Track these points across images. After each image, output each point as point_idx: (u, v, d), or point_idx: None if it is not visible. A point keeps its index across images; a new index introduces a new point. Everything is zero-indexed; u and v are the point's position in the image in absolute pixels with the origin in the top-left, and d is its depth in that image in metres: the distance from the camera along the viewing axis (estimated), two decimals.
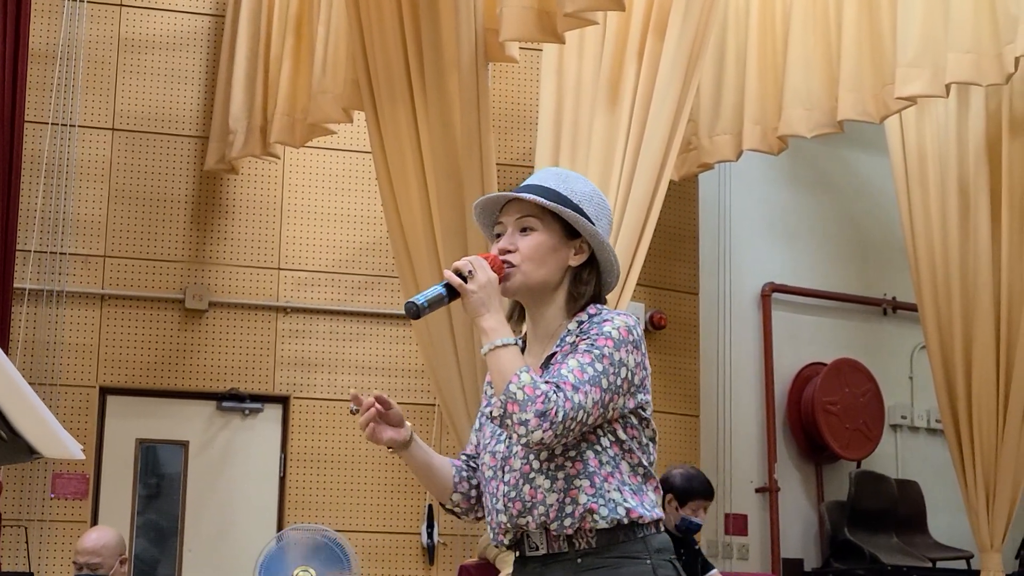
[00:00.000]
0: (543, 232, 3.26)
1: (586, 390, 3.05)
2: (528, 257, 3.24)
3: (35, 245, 8.40)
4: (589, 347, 3.12)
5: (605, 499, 3.12)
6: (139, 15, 8.89)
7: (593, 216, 3.29)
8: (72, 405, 8.37)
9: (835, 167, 10.81)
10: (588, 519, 3.12)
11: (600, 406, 3.08)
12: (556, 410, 3.00)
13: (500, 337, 3.12)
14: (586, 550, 3.15)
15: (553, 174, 3.35)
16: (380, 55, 7.04)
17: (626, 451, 3.18)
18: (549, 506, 3.13)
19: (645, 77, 7.44)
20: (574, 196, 3.28)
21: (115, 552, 6.24)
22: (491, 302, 3.14)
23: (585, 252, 3.29)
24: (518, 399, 3.02)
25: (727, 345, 10.04)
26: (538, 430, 3.00)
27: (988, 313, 8.65)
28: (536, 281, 3.26)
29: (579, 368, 3.08)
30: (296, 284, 8.91)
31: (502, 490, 3.23)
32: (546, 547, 3.19)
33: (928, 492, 10.50)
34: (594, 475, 3.13)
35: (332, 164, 9.08)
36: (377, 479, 8.79)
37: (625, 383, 3.14)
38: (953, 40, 7.46)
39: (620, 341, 3.14)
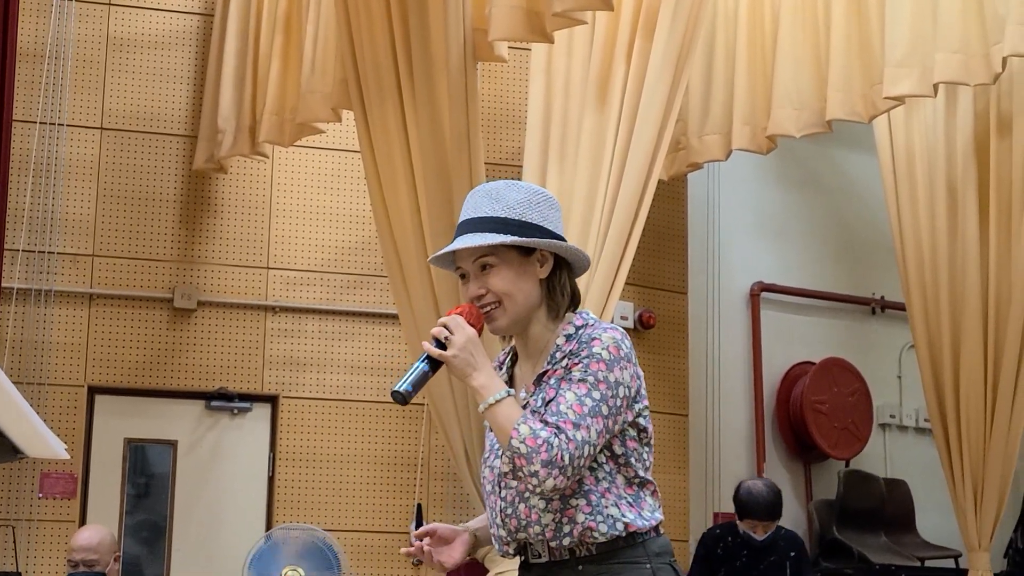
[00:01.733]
0: (502, 264, 3.24)
1: (587, 424, 3.06)
2: (503, 293, 3.24)
3: (23, 244, 8.39)
4: (583, 375, 3.12)
5: (603, 515, 3.14)
6: (128, 14, 8.88)
7: (539, 219, 3.26)
8: (60, 404, 8.36)
9: (824, 167, 10.82)
10: (587, 535, 3.15)
11: (605, 432, 3.11)
12: (561, 455, 3.02)
13: (491, 394, 3.12)
14: (587, 557, 3.17)
15: (484, 196, 3.30)
16: (369, 54, 7.03)
17: (622, 464, 3.20)
18: (545, 526, 3.17)
19: (634, 77, 7.45)
20: (512, 212, 3.25)
21: (110, 549, 6.25)
22: (475, 360, 3.15)
23: (549, 259, 3.28)
24: (523, 453, 3.03)
25: (716, 344, 10.05)
26: (549, 479, 3.02)
27: (976, 312, 8.67)
28: (522, 312, 3.27)
29: (577, 402, 3.08)
30: (285, 283, 8.90)
31: (499, 506, 3.26)
32: (548, 556, 3.22)
33: (916, 491, 10.52)
34: (590, 493, 3.15)
35: (321, 163, 9.08)
36: (366, 479, 8.79)
37: (624, 400, 3.16)
38: (941, 40, 7.48)
39: (612, 361, 3.15)
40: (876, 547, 10.07)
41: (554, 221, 3.29)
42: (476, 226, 3.25)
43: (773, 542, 7.41)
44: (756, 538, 7.36)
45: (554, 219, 3.29)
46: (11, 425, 2.06)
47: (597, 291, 7.33)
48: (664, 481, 9.12)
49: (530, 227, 3.24)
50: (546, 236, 3.26)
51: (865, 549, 9.92)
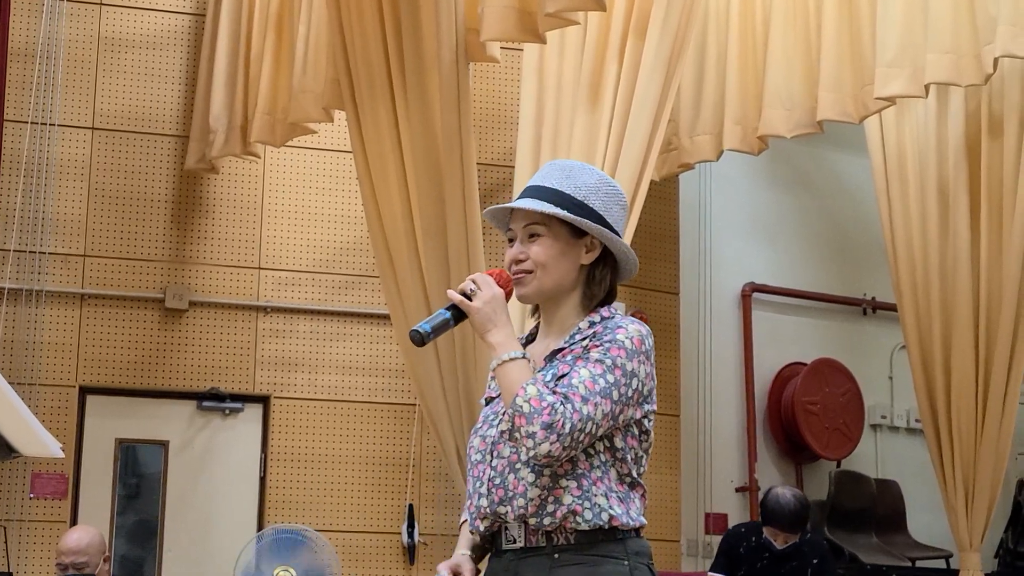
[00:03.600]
0: (549, 236, 3.23)
1: (596, 401, 3.04)
2: (539, 264, 3.23)
3: (14, 244, 8.38)
4: (602, 356, 3.11)
5: (591, 503, 3.11)
6: (119, 14, 8.87)
7: (601, 208, 3.26)
8: (52, 405, 8.35)
9: (815, 167, 10.83)
10: (570, 519, 3.10)
11: (611, 418, 3.08)
12: (563, 422, 3.00)
13: (507, 351, 3.12)
14: (564, 546, 3.12)
15: (558, 169, 3.32)
16: (361, 54, 7.03)
17: (618, 459, 3.17)
18: (530, 499, 3.11)
19: (626, 77, 7.45)
20: (578, 192, 3.25)
21: (99, 550, 6.22)
22: (497, 317, 3.15)
23: (597, 248, 3.27)
24: (524, 412, 3.02)
25: (708, 345, 10.06)
26: (545, 442, 2.99)
27: (967, 313, 8.68)
28: (550, 286, 3.25)
29: (591, 379, 3.07)
30: (277, 284, 8.90)
31: (488, 474, 3.21)
32: (523, 540, 3.17)
33: (908, 491, 10.53)
34: (582, 477, 3.11)
35: (313, 164, 9.08)
36: (358, 479, 8.79)
37: (636, 394, 3.14)
38: (932, 41, 7.49)
39: (633, 352, 3.13)
40: (867, 547, 10.08)
41: (615, 216, 3.28)
42: (539, 193, 3.25)
43: (796, 548, 7.37)
44: (775, 546, 7.33)
45: (616, 214, 3.28)
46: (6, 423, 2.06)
47: None
48: (656, 481, 9.16)
49: (589, 211, 3.23)
50: (605, 227, 3.25)
51: (856, 549, 9.93)
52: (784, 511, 7.23)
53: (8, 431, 2.05)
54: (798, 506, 7.25)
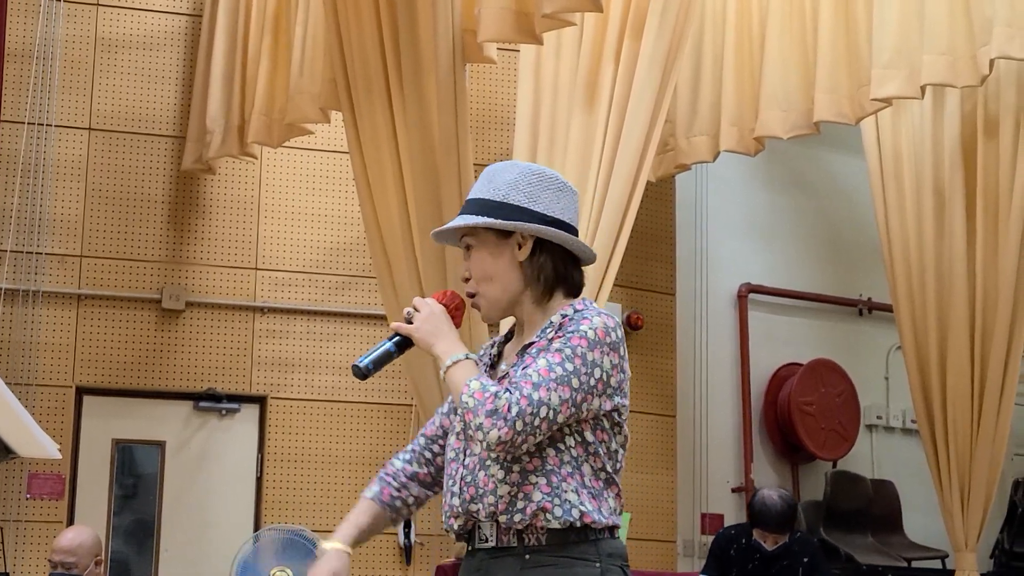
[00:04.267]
0: (480, 246, 3.22)
1: (550, 387, 2.99)
2: (478, 277, 3.23)
3: (11, 245, 8.38)
4: (561, 346, 3.07)
5: (560, 499, 3.06)
6: (116, 14, 8.88)
7: (524, 200, 3.20)
8: (48, 405, 8.35)
9: (811, 168, 10.85)
10: (540, 517, 3.06)
11: (571, 405, 3.02)
12: (508, 406, 2.96)
13: (450, 356, 3.11)
14: (535, 547, 3.09)
15: (483, 177, 3.29)
16: (358, 55, 7.04)
17: (591, 454, 3.11)
18: (499, 497, 3.08)
19: (622, 78, 7.46)
20: (497, 193, 3.21)
21: (91, 552, 6.19)
22: (438, 330, 3.16)
23: (528, 241, 3.21)
24: (470, 406, 3.00)
25: (704, 345, 10.07)
26: (493, 429, 2.96)
27: (963, 314, 8.69)
28: (497, 297, 3.23)
29: (546, 367, 3.03)
30: (273, 284, 8.90)
31: (460, 472, 3.19)
32: (495, 540, 3.13)
33: (903, 492, 10.54)
34: (552, 474, 3.07)
35: (309, 164, 9.08)
36: (354, 479, 8.79)
37: (600, 384, 3.08)
38: (928, 42, 7.50)
39: (595, 341, 3.08)
40: (863, 548, 10.09)
41: (547, 201, 3.22)
42: (466, 207, 3.25)
43: (787, 548, 7.39)
44: (765, 547, 7.36)
45: (548, 200, 3.22)
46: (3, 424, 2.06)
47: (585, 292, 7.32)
48: (651, 482, 9.18)
49: (511, 208, 3.19)
50: (530, 217, 3.19)
51: (852, 550, 9.94)
52: (771, 512, 7.25)
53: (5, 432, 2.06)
54: (785, 507, 7.27)
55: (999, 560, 10.68)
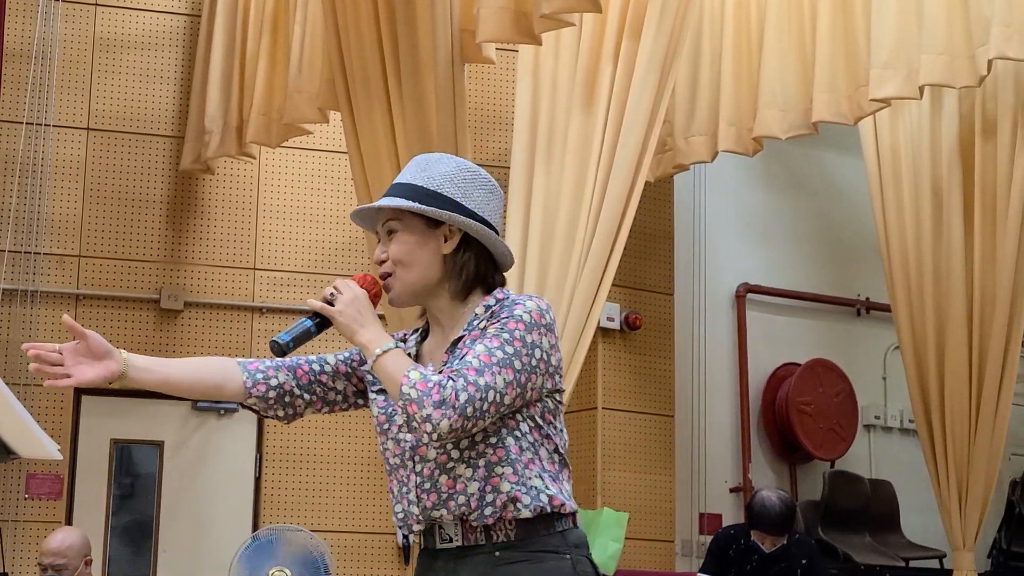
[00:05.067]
0: (404, 231, 3.15)
1: (493, 371, 2.93)
2: (397, 260, 3.15)
3: (9, 245, 8.38)
4: (499, 331, 3.01)
5: (527, 486, 3.02)
6: (114, 14, 8.88)
7: (458, 194, 3.16)
8: (47, 405, 8.35)
9: (810, 168, 10.85)
10: (510, 508, 3.01)
11: (516, 386, 2.97)
12: (456, 394, 2.88)
13: (379, 345, 3.02)
14: (504, 543, 3.03)
15: (415, 163, 3.26)
16: (356, 55, 7.04)
17: (544, 436, 3.09)
18: (470, 495, 3.02)
19: (621, 78, 7.47)
20: (431, 182, 3.17)
21: (80, 553, 6.17)
22: (362, 316, 3.07)
23: (456, 235, 3.16)
24: (413, 398, 2.91)
25: (702, 345, 10.06)
26: (443, 419, 2.88)
27: (961, 314, 8.69)
28: (414, 282, 3.16)
29: (486, 352, 2.96)
30: (272, 284, 8.90)
31: (414, 480, 3.10)
32: (461, 539, 3.07)
33: (901, 492, 10.54)
34: (515, 462, 3.02)
35: (308, 164, 9.08)
36: (352, 479, 8.80)
37: (542, 363, 3.04)
38: (927, 42, 7.51)
39: (532, 324, 3.04)
40: (861, 547, 10.09)
41: (478, 200, 3.18)
42: (393, 190, 3.20)
43: (785, 549, 7.39)
44: (762, 548, 7.36)
45: (479, 198, 3.19)
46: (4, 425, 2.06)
47: (583, 292, 7.35)
48: (649, 481, 9.18)
49: (443, 200, 3.15)
50: (461, 213, 3.15)
51: (850, 549, 9.95)
52: (770, 514, 7.26)
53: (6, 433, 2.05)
54: (783, 508, 7.28)
55: (997, 560, 10.68)
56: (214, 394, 3.30)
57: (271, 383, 3.26)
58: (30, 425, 2.02)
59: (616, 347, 9.28)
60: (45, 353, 3.17)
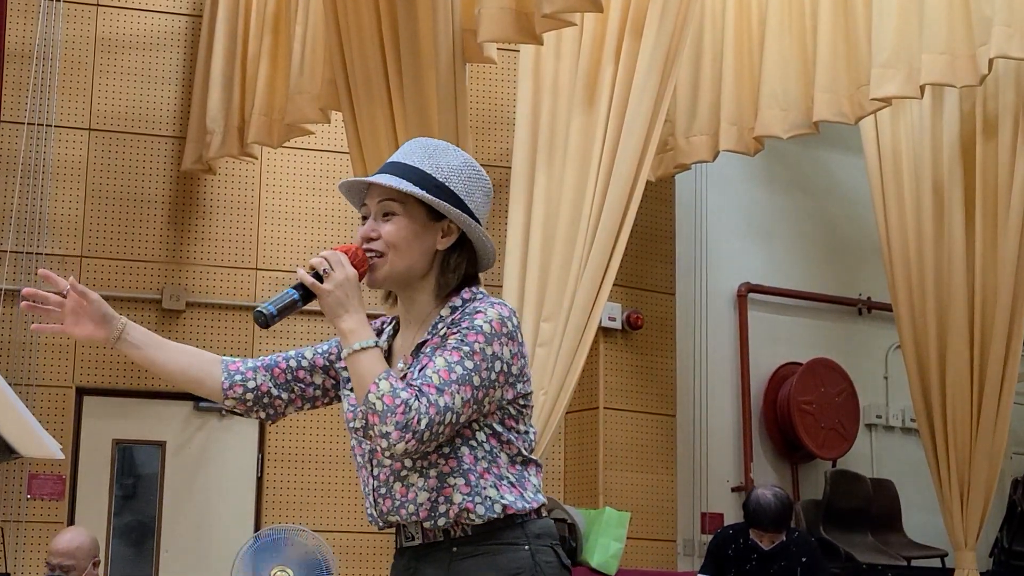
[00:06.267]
0: (404, 216, 3.06)
1: (453, 390, 2.88)
2: (391, 244, 3.06)
3: (11, 245, 8.39)
4: (458, 343, 2.95)
5: (481, 497, 2.99)
6: (116, 15, 8.88)
7: (462, 192, 3.09)
8: (48, 406, 8.36)
9: (811, 168, 10.85)
10: (463, 516, 2.99)
11: (472, 403, 2.93)
12: (418, 418, 2.84)
13: (359, 340, 2.96)
14: (462, 538, 3.02)
15: (421, 147, 3.14)
16: (357, 55, 7.04)
17: (504, 443, 3.04)
18: (420, 505, 3.00)
19: (622, 78, 7.48)
20: (439, 172, 3.08)
21: (89, 554, 6.14)
22: (349, 302, 3.00)
23: (454, 233, 3.10)
24: (377, 410, 2.86)
25: (703, 345, 10.06)
26: (400, 442, 2.84)
27: (962, 313, 8.70)
28: (401, 270, 3.09)
29: (446, 368, 2.91)
30: (274, 284, 8.91)
31: (371, 484, 3.11)
32: (421, 537, 3.06)
33: (903, 491, 10.54)
34: (469, 472, 2.99)
35: (310, 164, 9.09)
36: (354, 479, 8.75)
37: (501, 376, 2.99)
38: (927, 42, 7.51)
39: (492, 335, 2.98)
40: (863, 546, 10.09)
41: (477, 201, 3.11)
42: (399, 170, 3.08)
43: (784, 547, 7.40)
44: (761, 546, 7.37)
45: (478, 200, 3.12)
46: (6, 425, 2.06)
47: (585, 292, 7.36)
48: (651, 481, 9.18)
49: (450, 194, 3.07)
50: (463, 210, 3.08)
51: (852, 549, 9.94)
52: (766, 511, 7.26)
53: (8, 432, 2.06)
54: (779, 505, 7.28)
55: (998, 559, 10.68)
56: (194, 389, 3.29)
57: (248, 385, 3.25)
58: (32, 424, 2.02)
59: (618, 347, 9.28)
60: (41, 293, 3.26)
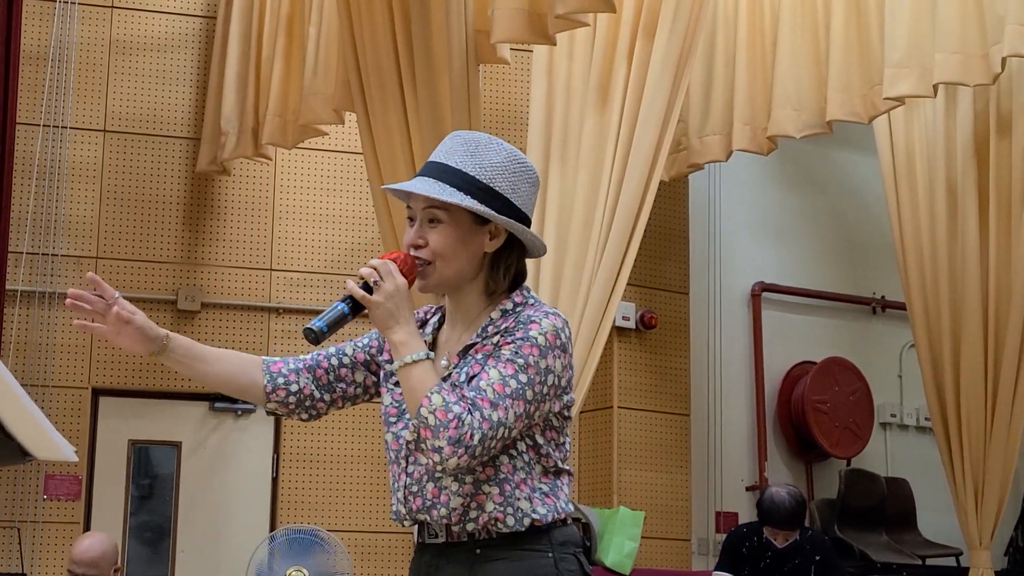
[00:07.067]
0: (450, 224, 3.02)
1: (507, 405, 2.87)
2: (438, 254, 3.02)
3: (27, 247, 8.42)
4: (513, 355, 2.93)
5: (513, 508, 2.98)
6: (130, 17, 8.91)
7: (508, 189, 3.04)
8: (64, 406, 8.39)
9: (824, 167, 10.84)
10: (492, 525, 2.98)
11: (524, 417, 2.92)
12: (471, 433, 2.82)
13: (411, 353, 2.92)
14: (486, 541, 3.00)
15: (462, 145, 3.09)
16: (371, 56, 7.06)
17: (543, 455, 3.03)
18: (452, 509, 2.99)
19: (635, 78, 7.49)
20: (483, 173, 3.03)
21: (111, 562, 6.08)
22: (400, 313, 2.94)
23: (501, 234, 3.06)
24: (430, 424, 2.84)
25: (717, 344, 10.07)
26: (453, 457, 2.83)
27: (976, 312, 8.69)
28: (450, 276, 3.05)
29: (500, 381, 2.89)
30: (288, 285, 8.93)
31: (403, 481, 3.08)
32: (445, 536, 3.04)
33: (917, 490, 10.53)
34: (505, 482, 2.98)
35: (324, 165, 9.11)
36: (370, 479, 8.81)
37: (552, 389, 2.98)
38: (940, 41, 7.50)
39: (547, 348, 2.95)
40: (877, 545, 10.09)
41: (523, 195, 3.07)
42: (441, 173, 3.05)
43: (798, 546, 7.41)
44: (775, 544, 7.38)
45: (524, 193, 3.08)
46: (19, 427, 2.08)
47: (599, 292, 7.37)
48: (665, 480, 9.19)
49: (496, 195, 3.02)
50: (509, 209, 3.04)
51: (866, 547, 9.94)
52: (779, 509, 7.28)
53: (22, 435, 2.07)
54: (793, 503, 7.30)
55: (1013, 557, 10.67)
56: (239, 395, 3.33)
57: (291, 388, 3.26)
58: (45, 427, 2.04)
59: (632, 346, 9.29)
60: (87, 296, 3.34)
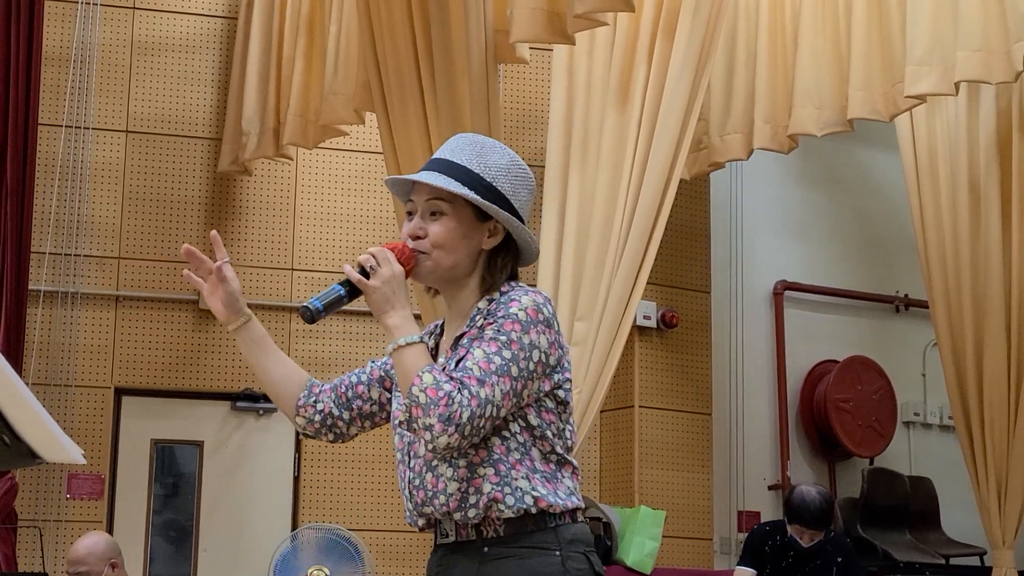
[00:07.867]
0: (452, 217, 3.08)
1: (493, 382, 2.89)
2: (438, 245, 3.07)
3: (49, 247, 8.45)
4: (495, 334, 2.96)
5: (511, 487, 2.98)
6: (152, 18, 8.94)
7: (509, 191, 3.11)
8: (87, 406, 8.43)
9: (846, 165, 10.82)
10: (493, 508, 2.98)
11: (512, 395, 2.94)
12: (460, 412, 2.85)
13: (403, 335, 2.97)
14: (494, 539, 3.01)
15: (468, 145, 3.16)
16: (391, 57, 7.07)
17: (538, 437, 3.03)
18: (450, 495, 3.00)
19: (655, 77, 7.48)
20: (487, 172, 3.10)
21: (103, 557, 6.04)
22: (395, 298, 3.00)
23: (499, 233, 3.12)
24: (421, 403, 2.87)
25: (739, 343, 10.05)
26: (443, 435, 2.85)
27: (999, 310, 8.66)
28: (446, 268, 3.10)
29: (484, 358, 2.92)
30: (309, 285, 8.95)
31: (408, 476, 3.13)
32: (455, 535, 3.07)
33: (941, 489, 10.50)
34: (499, 463, 2.98)
35: (344, 165, 9.13)
36: (391, 478, 8.83)
37: (539, 366, 2.99)
38: (962, 38, 7.47)
39: (528, 322, 2.98)
40: (901, 544, 10.06)
41: (522, 200, 3.14)
42: (447, 169, 3.10)
43: (821, 546, 7.39)
44: (801, 544, 7.37)
45: (523, 198, 3.15)
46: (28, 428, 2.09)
47: (619, 291, 7.37)
48: (687, 480, 9.18)
49: (497, 194, 3.09)
50: (509, 210, 3.11)
51: (890, 547, 9.92)
52: (809, 508, 7.25)
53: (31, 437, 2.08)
54: (823, 503, 7.27)
55: None
56: (278, 402, 3.44)
57: (317, 407, 3.33)
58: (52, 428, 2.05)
59: (653, 345, 9.29)
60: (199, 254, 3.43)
